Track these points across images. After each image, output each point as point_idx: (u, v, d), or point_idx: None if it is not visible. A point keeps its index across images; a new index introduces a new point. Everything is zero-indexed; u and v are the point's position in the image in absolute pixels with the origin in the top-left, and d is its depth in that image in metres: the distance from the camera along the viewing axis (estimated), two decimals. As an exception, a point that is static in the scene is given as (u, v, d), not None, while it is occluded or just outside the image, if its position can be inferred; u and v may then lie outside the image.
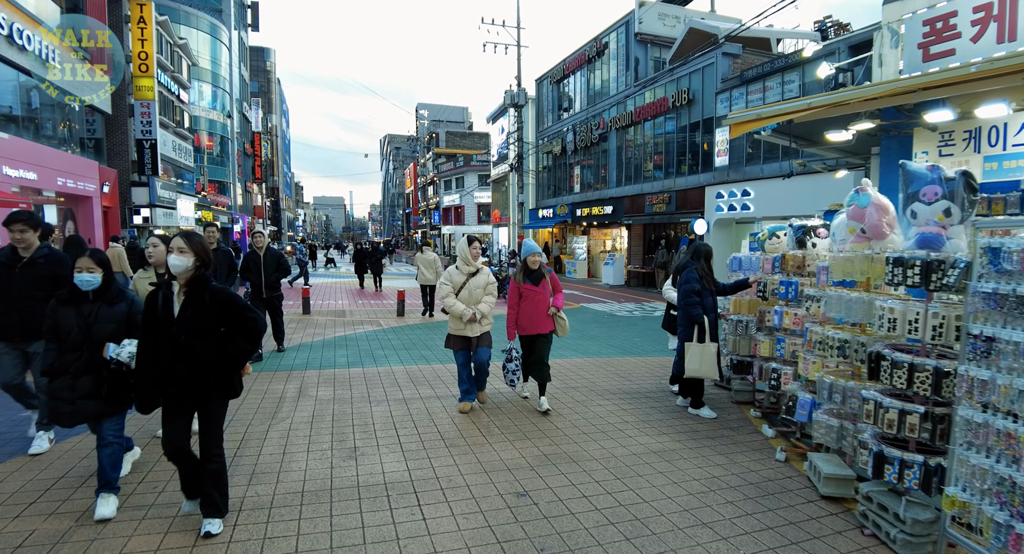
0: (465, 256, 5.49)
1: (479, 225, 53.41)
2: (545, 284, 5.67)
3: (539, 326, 5.68)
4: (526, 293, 5.62)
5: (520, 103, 28.16)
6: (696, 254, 5.77)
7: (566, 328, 5.88)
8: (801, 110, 5.69)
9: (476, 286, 5.46)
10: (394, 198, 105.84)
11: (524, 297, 5.63)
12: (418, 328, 10.85)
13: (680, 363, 5.72)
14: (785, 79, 15.03)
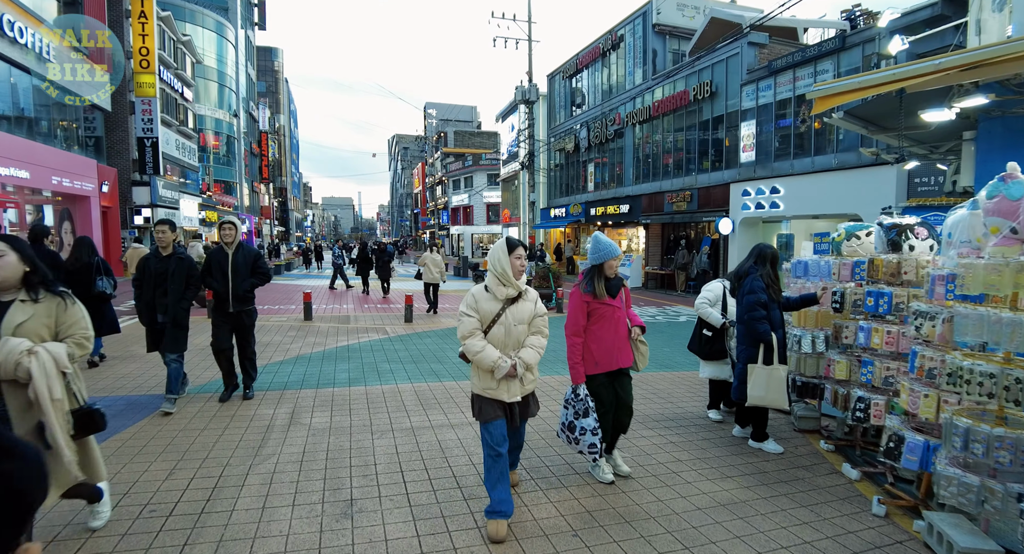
0: (503, 271, 3.30)
1: (488, 225, 52.59)
2: (621, 298, 4.10)
3: (621, 357, 4.01)
4: (601, 312, 3.92)
5: (531, 99, 27.26)
6: (761, 258, 4.85)
7: (647, 356, 4.23)
8: (923, 74, 4.66)
9: (518, 319, 3.35)
10: (402, 198, 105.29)
11: (597, 317, 3.93)
12: (427, 336, 9.99)
13: (740, 388, 4.82)
14: (818, 68, 14.07)
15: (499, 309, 3.33)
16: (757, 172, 15.93)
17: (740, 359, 4.84)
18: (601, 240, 4.06)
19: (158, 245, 5.46)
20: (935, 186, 11.67)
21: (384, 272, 16.56)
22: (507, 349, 3.32)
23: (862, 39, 12.94)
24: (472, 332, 3.32)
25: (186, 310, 5.41)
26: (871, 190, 12.66)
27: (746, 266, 4.88)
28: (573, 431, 3.87)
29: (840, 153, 13.54)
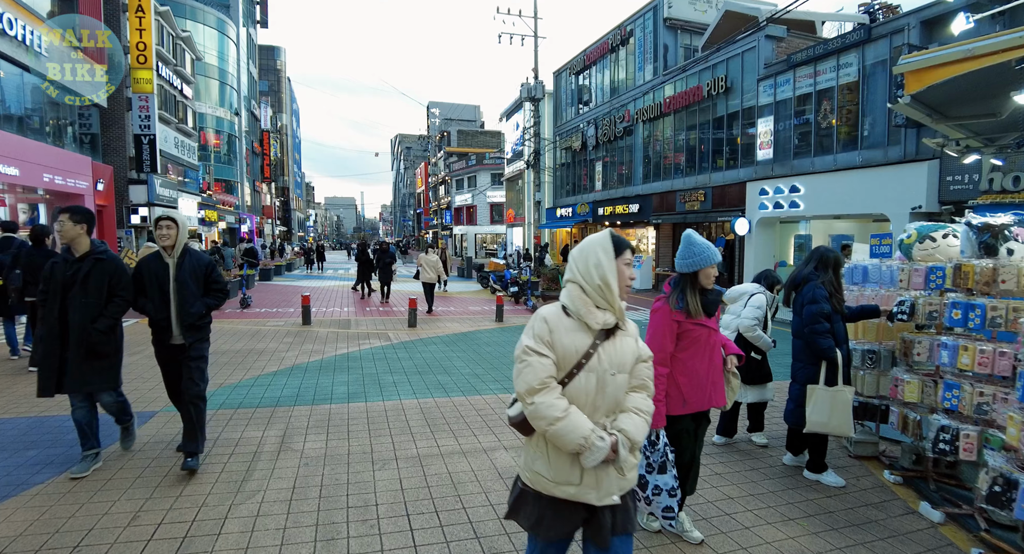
0: (604, 284, 2.02)
1: (492, 225, 51.97)
2: (718, 317, 3.31)
3: (716, 395, 3.19)
4: (694, 336, 3.07)
5: (537, 96, 26.64)
6: (823, 262, 4.23)
7: (736, 392, 3.36)
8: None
9: (617, 364, 2.03)
10: (405, 198, 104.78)
11: (689, 342, 3.09)
12: (432, 343, 9.37)
13: (796, 412, 4.19)
14: (841, 62, 13.41)
15: (589, 346, 1.97)
16: (775, 170, 15.28)
17: (798, 379, 4.22)
18: (696, 241, 3.13)
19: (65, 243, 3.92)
20: (970, 184, 11.03)
21: (385, 275, 15.20)
22: (597, 414, 1.98)
23: (889, 30, 12.30)
24: (545, 383, 1.91)
25: (104, 332, 3.85)
26: (899, 189, 12.01)
27: (805, 272, 4.25)
28: (644, 489, 3.09)
29: (865, 150, 12.89)
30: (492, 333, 10.57)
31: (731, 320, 5.01)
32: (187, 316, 3.98)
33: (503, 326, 11.53)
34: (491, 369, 7.53)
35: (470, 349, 8.91)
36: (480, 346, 9.18)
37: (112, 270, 3.92)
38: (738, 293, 5.05)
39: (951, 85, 4.55)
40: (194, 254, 4.10)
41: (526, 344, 1.98)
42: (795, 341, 4.29)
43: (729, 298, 5.09)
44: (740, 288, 5.09)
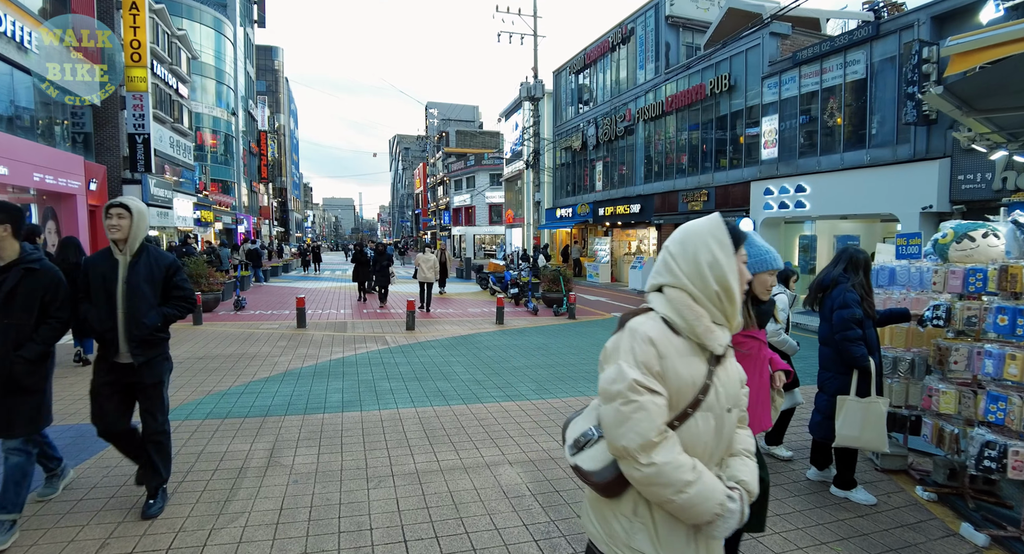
0: (726, 288, 1.50)
1: (491, 226, 51.71)
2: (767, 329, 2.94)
3: (762, 417, 2.76)
4: (745, 348, 2.63)
5: (537, 96, 26.40)
6: (853, 264, 3.92)
7: (779, 410, 2.95)
8: None
9: (732, 395, 1.54)
10: (403, 199, 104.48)
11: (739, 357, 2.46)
12: (430, 347, 9.06)
13: (825, 425, 3.90)
14: (848, 59, 13.14)
15: (704, 375, 1.47)
16: (780, 170, 15.01)
17: (827, 389, 3.92)
18: (754, 242, 2.70)
19: None
20: (982, 184, 10.77)
21: (383, 278, 14.36)
22: (711, 465, 1.50)
23: (898, 26, 12.03)
24: (663, 433, 1.39)
25: (32, 361, 3.05)
26: (909, 189, 11.74)
27: (834, 274, 3.95)
28: None
29: (873, 149, 12.62)
30: (492, 336, 10.26)
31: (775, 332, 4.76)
32: (137, 328, 3.19)
33: (503, 328, 11.23)
34: (492, 375, 7.22)
35: (470, 353, 8.60)
36: (480, 350, 8.88)
37: (47, 284, 3.11)
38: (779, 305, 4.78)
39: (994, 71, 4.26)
40: (153, 253, 3.34)
41: (632, 377, 1.39)
42: (823, 349, 4.00)
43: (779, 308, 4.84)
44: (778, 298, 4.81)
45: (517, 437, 4.91)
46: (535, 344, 9.55)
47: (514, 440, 4.83)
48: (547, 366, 7.83)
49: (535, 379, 7.06)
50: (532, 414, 5.60)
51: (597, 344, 9.73)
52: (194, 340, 9.20)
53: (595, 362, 8.39)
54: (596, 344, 9.74)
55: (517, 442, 4.78)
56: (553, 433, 5.03)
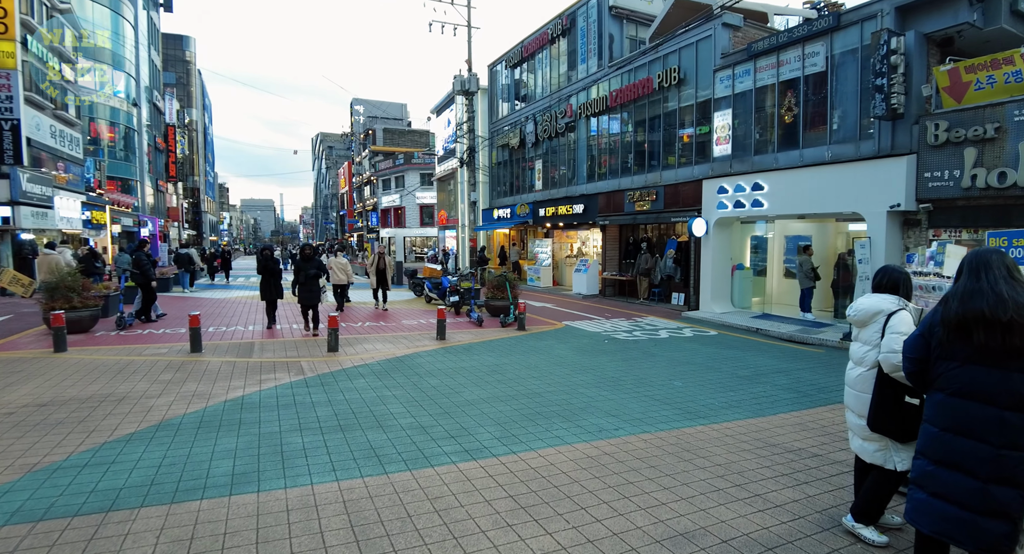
0: None
1: (422, 227, 49.69)
2: None
3: None
4: None
5: (471, 90, 24.90)
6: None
7: None
8: None
9: None
10: (327, 199, 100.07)
11: None
12: (358, 375, 7.36)
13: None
14: (807, 51, 12.47)
15: None
16: (734, 167, 14.25)
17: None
18: None
19: None
20: (950, 181, 10.22)
21: (307, 293, 10.48)
22: None
23: (860, 17, 11.43)
24: None
25: None
26: (875, 186, 11.12)
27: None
28: None
29: (835, 145, 11.98)
30: (434, 357, 8.66)
31: (866, 352, 3.50)
32: None
33: (446, 345, 9.64)
34: (440, 416, 5.65)
35: (409, 383, 6.98)
36: (421, 378, 7.27)
37: None
38: (867, 313, 3.52)
39: None
40: None
41: None
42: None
43: (855, 320, 3.59)
44: (867, 304, 3.56)
45: (492, 532, 3.39)
46: (486, 366, 8.04)
47: (488, 539, 3.31)
48: (507, 398, 6.34)
49: (496, 419, 5.55)
50: (504, 482, 4.10)
51: (559, 363, 8.33)
52: (47, 374, 7.05)
53: (563, 388, 7.06)
54: (557, 363, 8.34)
55: (494, 544, 3.26)
56: (544, 519, 3.55)
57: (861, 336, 3.59)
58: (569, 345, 10.06)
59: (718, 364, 8.74)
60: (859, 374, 3.57)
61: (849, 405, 3.67)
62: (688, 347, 10.22)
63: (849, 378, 3.67)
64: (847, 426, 3.79)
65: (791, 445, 5.20)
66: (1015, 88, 9.69)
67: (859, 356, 3.59)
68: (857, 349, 3.61)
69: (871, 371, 3.49)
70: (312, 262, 10.64)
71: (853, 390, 3.62)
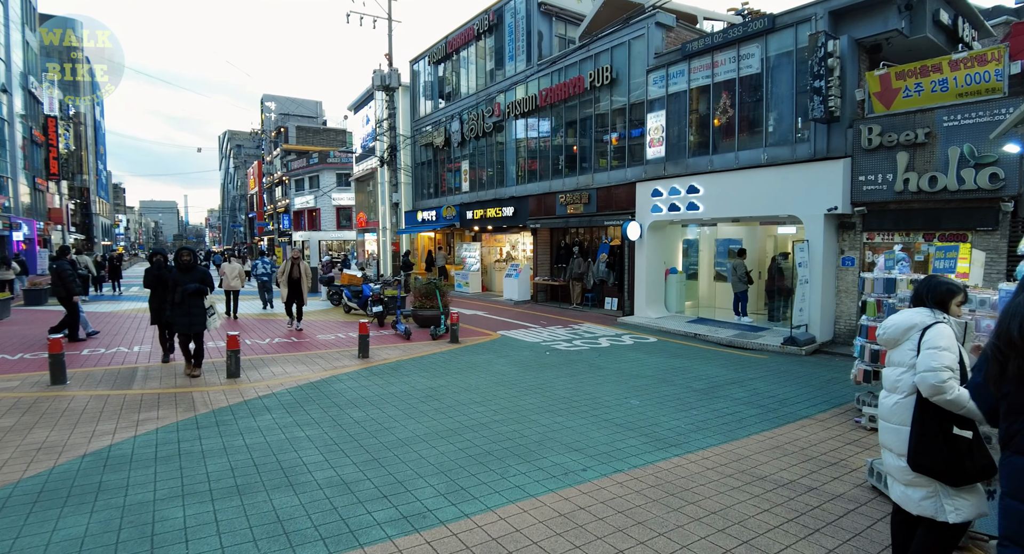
0: None
1: (339, 230, 47.35)
2: None
3: None
4: None
5: (392, 85, 23.52)
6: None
7: None
8: None
9: None
10: (235, 201, 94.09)
11: None
12: (264, 410, 6.10)
13: None
14: (742, 53, 12.30)
15: None
16: (668, 169, 13.93)
17: None
18: None
19: None
20: (883, 185, 10.25)
21: (186, 317, 7.51)
22: None
23: (795, 20, 11.35)
24: None
25: None
26: (812, 188, 11.04)
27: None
28: None
29: (771, 147, 11.85)
30: (357, 380, 7.50)
31: (899, 376, 2.81)
32: None
33: (370, 364, 8.48)
34: (368, 465, 4.58)
35: (326, 417, 5.82)
36: (343, 410, 6.12)
37: None
38: (899, 329, 2.87)
39: None
40: None
41: None
42: None
43: (886, 338, 2.91)
44: (898, 319, 2.91)
45: None
46: (420, 390, 6.98)
47: None
48: (448, 433, 5.35)
49: (439, 465, 4.55)
50: (457, 565, 3.12)
51: (502, 382, 7.41)
52: None
53: (512, 416, 5.93)
54: (500, 382, 7.42)
55: None
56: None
57: (893, 357, 2.94)
58: (509, 359, 9.17)
59: (669, 376, 8.15)
60: (895, 403, 2.91)
61: (885, 442, 2.99)
62: (633, 357, 9.61)
63: (883, 409, 3.00)
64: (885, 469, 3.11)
65: (779, 476, 4.56)
66: (940, 97, 9.83)
67: (892, 381, 2.94)
68: (890, 373, 2.96)
69: (908, 398, 2.84)
70: (193, 273, 7.60)
71: (889, 423, 2.95)
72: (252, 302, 16.90)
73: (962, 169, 9.33)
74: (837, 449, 5.35)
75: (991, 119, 9.14)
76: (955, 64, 9.66)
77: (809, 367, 9.22)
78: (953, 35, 11.55)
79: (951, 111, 9.51)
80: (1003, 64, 9.21)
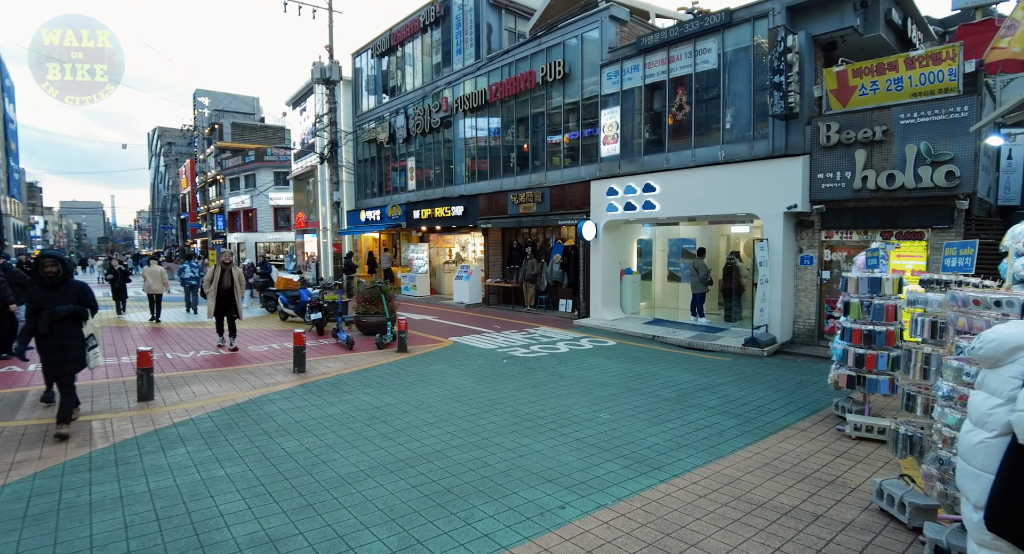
0: None
1: (277, 231, 45.20)
2: None
3: None
4: None
5: (333, 78, 22.25)
6: None
7: None
8: None
9: None
10: (166, 201, 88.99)
11: None
12: (177, 441, 5.13)
13: None
14: (698, 48, 12.00)
15: None
16: (623, 168, 13.52)
17: None
18: None
19: None
20: (842, 183, 10.10)
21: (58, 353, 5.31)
22: None
23: (753, 15, 11.12)
24: None
25: None
26: (771, 186, 10.81)
27: None
28: None
29: (728, 145, 11.59)
30: (291, 400, 6.58)
31: (993, 408, 2.26)
32: None
33: (307, 380, 7.55)
34: (300, 511, 3.75)
35: (252, 450, 4.93)
36: (272, 438, 5.23)
37: None
38: (1002, 347, 2.29)
39: None
40: None
41: None
42: None
43: (983, 355, 2.34)
44: (1008, 334, 2.33)
45: None
46: (364, 410, 6.15)
47: None
48: (398, 465, 4.57)
49: (389, 510, 3.77)
50: None
51: (457, 397, 6.66)
52: None
53: (473, 439, 5.15)
54: (455, 397, 6.67)
55: None
56: None
57: (988, 383, 2.39)
58: (464, 369, 8.42)
59: (635, 384, 7.62)
60: (979, 442, 2.36)
61: (964, 488, 2.45)
62: (595, 363, 9.06)
63: (964, 446, 2.45)
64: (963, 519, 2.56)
65: (779, 502, 4.04)
66: (895, 96, 9.77)
67: (982, 414, 2.37)
68: (980, 402, 2.40)
69: (999, 439, 2.30)
70: (64, 292, 5.38)
71: (969, 465, 2.40)
72: (178, 309, 15.47)
73: (919, 167, 9.25)
74: (829, 464, 4.90)
75: (946, 117, 9.10)
76: (911, 62, 9.60)
77: (774, 369, 8.91)
78: (903, 36, 11.60)
79: (908, 109, 9.43)
80: (957, 63, 9.19)
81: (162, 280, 13.63)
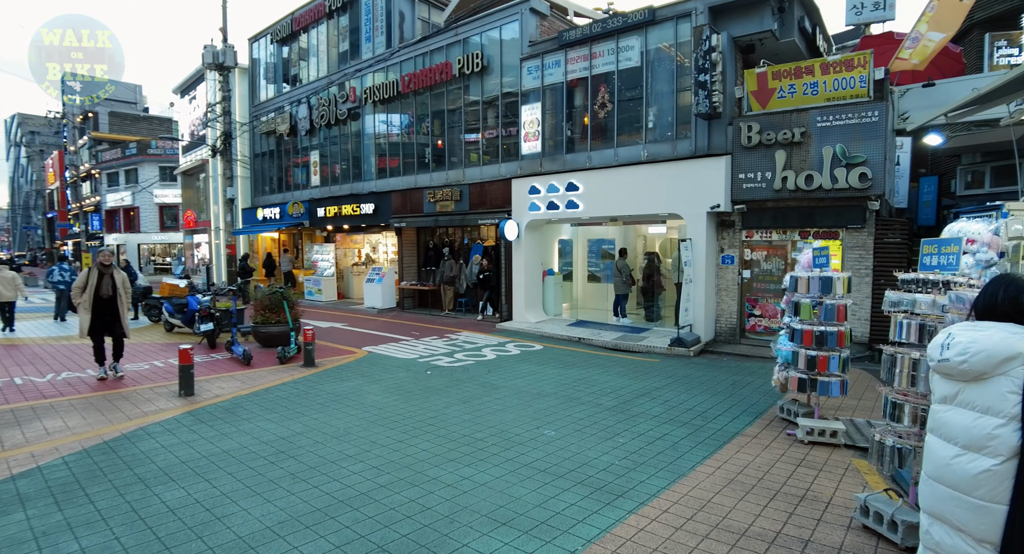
0: None
1: (163, 232, 41.29)
2: None
3: None
4: None
5: (227, 64, 20.28)
6: None
7: None
8: None
9: None
10: (29, 198, 79.19)
11: None
12: (13, 503, 3.94)
13: None
14: (621, 45, 11.77)
15: None
16: (544, 166, 13.09)
17: None
18: None
19: None
20: (762, 183, 10.20)
21: None
22: None
23: (675, 13, 11.02)
24: None
25: None
26: (694, 186, 10.75)
27: None
28: None
29: (651, 144, 11.44)
30: (175, 432, 5.45)
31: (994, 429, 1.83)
32: None
33: (196, 406, 6.38)
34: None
35: (121, 507, 3.86)
36: (148, 488, 4.16)
37: None
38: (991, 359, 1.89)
39: None
40: None
41: None
42: None
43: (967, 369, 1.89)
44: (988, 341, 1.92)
45: None
46: (267, 443, 5.16)
47: None
48: (315, 520, 3.69)
49: (305, 581, 2.93)
50: None
51: (380, 421, 5.81)
52: None
53: (405, 476, 4.20)
54: (377, 421, 5.81)
55: None
56: None
57: (973, 399, 1.99)
58: (384, 384, 7.54)
59: (572, 392, 7.13)
60: (983, 470, 1.94)
61: (960, 521, 2.02)
62: (526, 370, 8.49)
63: (958, 476, 2.03)
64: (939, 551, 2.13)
65: (763, 530, 3.62)
66: (811, 99, 9.99)
67: (979, 436, 1.97)
68: (970, 423, 2.00)
69: (1007, 464, 1.89)
70: None
71: (969, 497, 1.98)
72: (44, 320, 13.27)
73: (835, 168, 9.46)
74: (793, 475, 4.59)
75: (859, 121, 9.36)
76: (826, 67, 9.84)
77: (704, 370, 8.76)
78: (811, 43, 11.99)
79: (824, 112, 9.63)
80: (868, 70, 9.50)
81: (13, 285, 12.02)
